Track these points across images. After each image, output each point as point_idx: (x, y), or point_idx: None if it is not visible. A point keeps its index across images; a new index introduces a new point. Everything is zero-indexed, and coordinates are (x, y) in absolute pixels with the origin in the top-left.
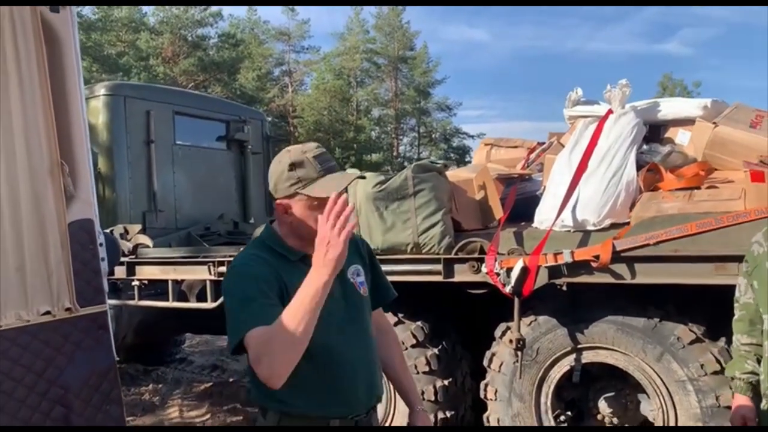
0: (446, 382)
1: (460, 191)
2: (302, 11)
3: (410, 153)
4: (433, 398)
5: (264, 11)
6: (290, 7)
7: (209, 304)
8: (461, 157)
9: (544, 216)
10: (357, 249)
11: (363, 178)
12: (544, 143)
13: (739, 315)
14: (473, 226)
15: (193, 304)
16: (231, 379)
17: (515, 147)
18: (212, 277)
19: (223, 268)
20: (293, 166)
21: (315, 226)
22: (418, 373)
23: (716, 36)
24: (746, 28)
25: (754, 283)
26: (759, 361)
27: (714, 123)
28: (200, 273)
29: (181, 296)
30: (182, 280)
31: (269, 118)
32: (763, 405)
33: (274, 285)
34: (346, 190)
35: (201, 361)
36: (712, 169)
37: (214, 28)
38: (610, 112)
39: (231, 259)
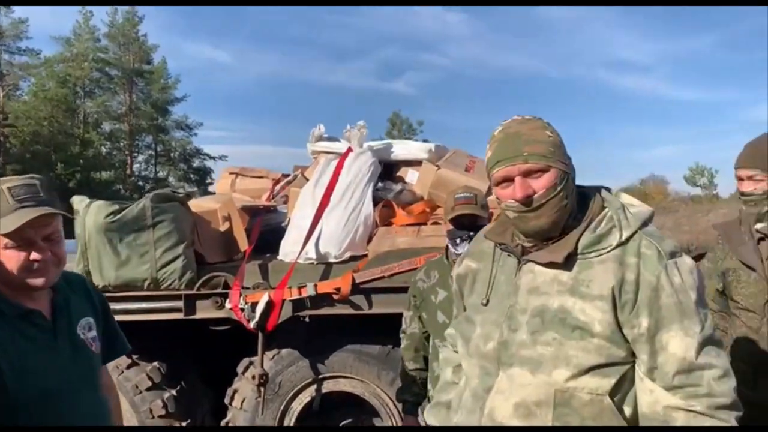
0: (184, 424)
1: (204, 222)
2: (19, 9)
3: (146, 172)
4: None
5: None
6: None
7: None
8: (201, 178)
9: (289, 248)
10: (89, 297)
11: (70, 214)
12: (288, 175)
13: (405, 344)
14: (217, 258)
15: None
16: None
17: (260, 177)
18: None
19: None
20: None
21: (7, 268)
22: (153, 417)
23: (436, 81)
24: (460, 77)
25: (423, 315)
26: (424, 384)
27: (437, 166)
28: None
29: None
30: None
31: None
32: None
33: None
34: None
35: None
36: (436, 207)
37: None
38: (350, 150)
39: None
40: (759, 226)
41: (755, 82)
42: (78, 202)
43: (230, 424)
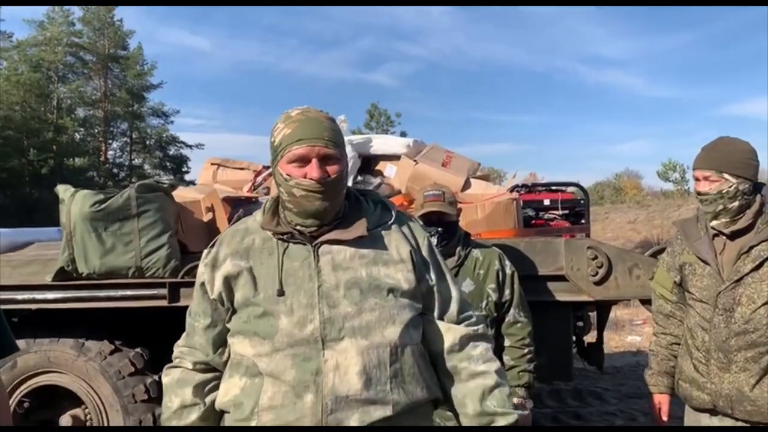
0: None
1: (187, 212)
2: None
3: (120, 159)
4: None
5: None
6: None
7: None
8: (178, 167)
9: None
10: None
11: None
12: (269, 167)
13: None
14: (200, 248)
15: None
16: None
17: (242, 168)
18: None
19: None
20: None
21: None
22: (136, 402)
23: (415, 72)
24: (439, 67)
25: None
26: None
27: (415, 161)
28: None
29: None
30: None
31: None
32: None
33: None
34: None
35: None
36: (413, 200)
37: None
38: None
39: None
40: (714, 223)
41: (727, 80)
42: (63, 191)
43: None
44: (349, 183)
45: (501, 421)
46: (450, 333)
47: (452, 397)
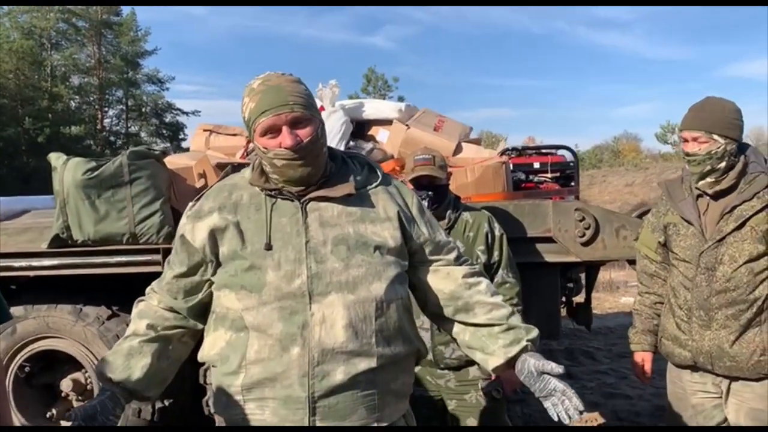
0: None
1: (180, 179)
2: None
3: (117, 127)
4: None
5: None
6: None
7: None
8: (174, 134)
9: None
10: None
11: None
12: None
13: None
14: None
15: None
16: None
17: (234, 135)
18: None
19: None
20: None
21: None
22: None
23: (414, 35)
24: (439, 30)
25: None
26: None
27: (407, 125)
28: None
29: None
30: None
31: None
32: None
33: None
34: None
35: None
36: (405, 165)
37: None
38: (321, 109)
39: None
40: (700, 183)
41: (731, 39)
42: (55, 158)
43: (209, 372)
44: (341, 147)
45: (526, 335)
46: (453, 275)
47: (472, 331)
